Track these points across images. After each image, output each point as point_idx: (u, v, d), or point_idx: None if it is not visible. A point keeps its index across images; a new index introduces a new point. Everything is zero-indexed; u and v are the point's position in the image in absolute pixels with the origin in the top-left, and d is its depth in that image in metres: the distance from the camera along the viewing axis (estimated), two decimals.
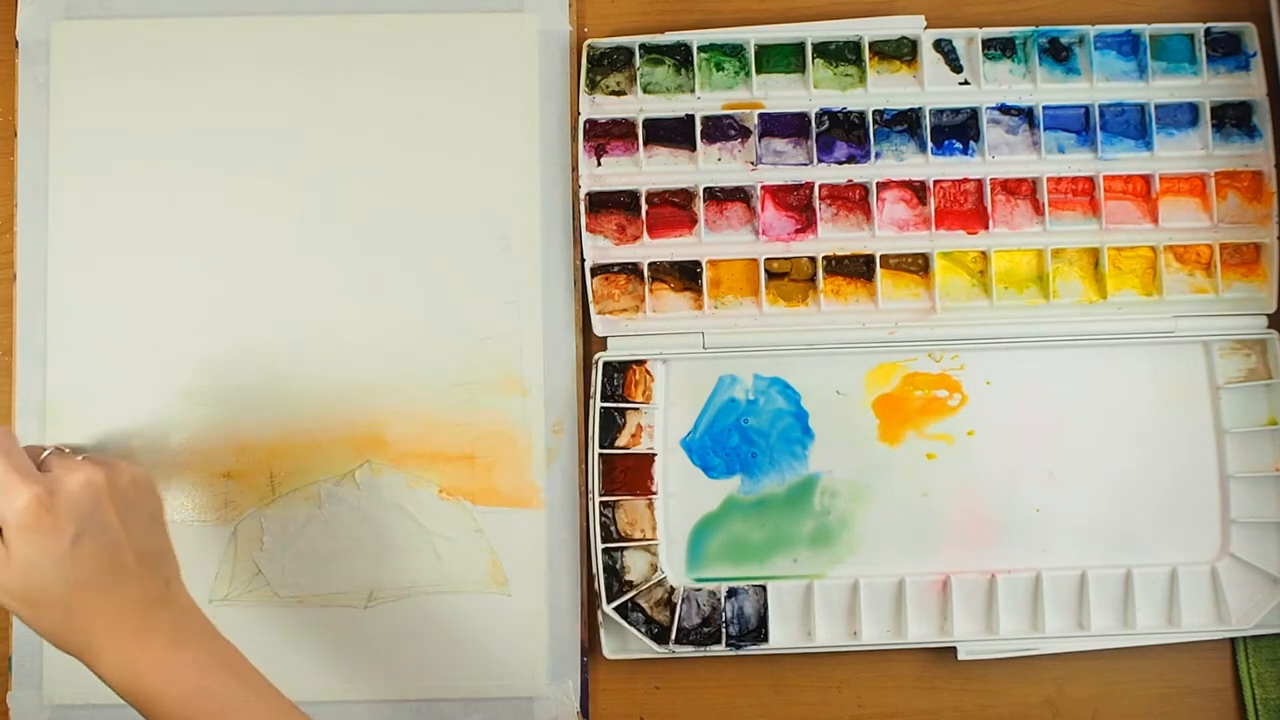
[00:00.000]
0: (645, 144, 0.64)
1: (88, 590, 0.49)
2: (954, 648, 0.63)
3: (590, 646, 0.63)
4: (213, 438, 0.63)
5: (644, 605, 0.63)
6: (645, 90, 0.65)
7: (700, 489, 0.64)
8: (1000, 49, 0.66)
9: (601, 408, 0.63)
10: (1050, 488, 0.64)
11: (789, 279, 0.65)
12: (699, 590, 0.63)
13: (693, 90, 0.65)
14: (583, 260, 0.64)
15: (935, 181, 0.64)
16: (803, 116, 0.65)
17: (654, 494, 0.63)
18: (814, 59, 0.65)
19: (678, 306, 0.64)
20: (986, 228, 0.64)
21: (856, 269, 0.65)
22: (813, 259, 0.64)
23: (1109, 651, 0.63)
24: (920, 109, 0.65)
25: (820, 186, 0.64)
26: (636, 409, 0.64)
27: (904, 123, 0.65)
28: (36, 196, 0.63)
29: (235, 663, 0.50)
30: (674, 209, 0.65)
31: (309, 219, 0.64)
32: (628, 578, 0.63)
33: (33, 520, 0.48)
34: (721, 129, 0.65)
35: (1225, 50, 0.66)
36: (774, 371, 0.64)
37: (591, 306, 0.64)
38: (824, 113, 0.65)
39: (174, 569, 0.52)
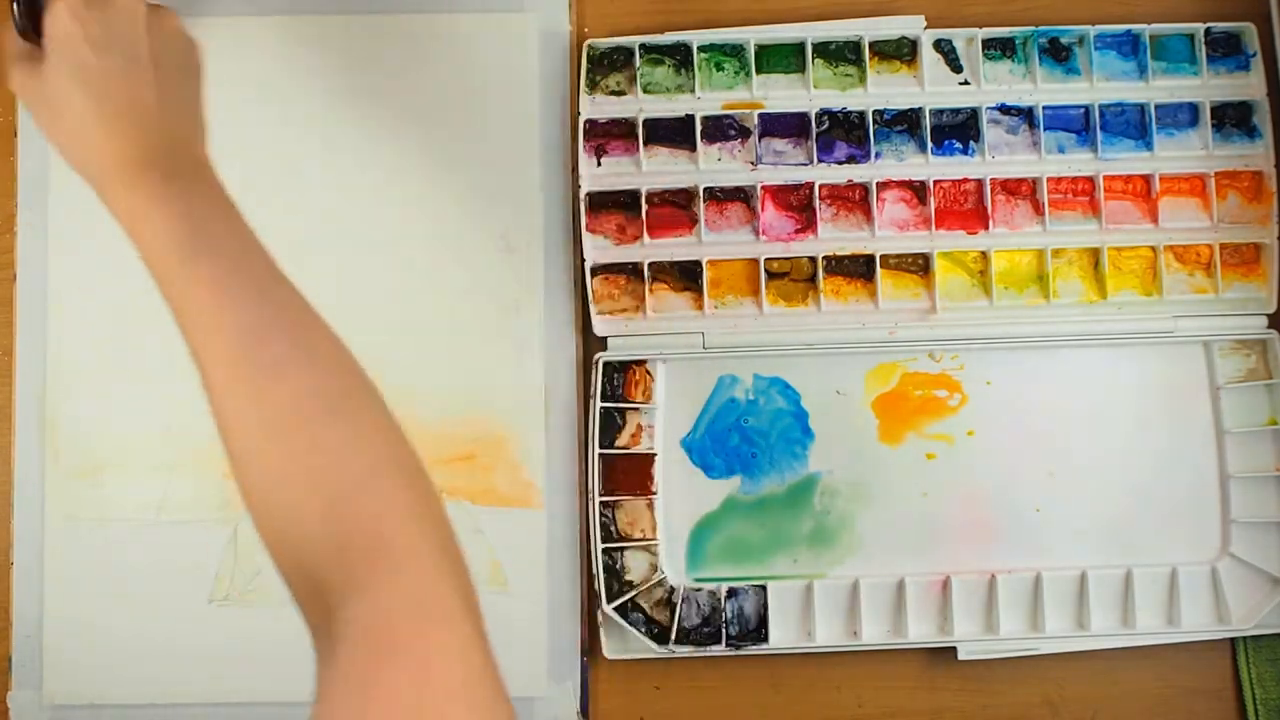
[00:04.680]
0: (645, 144, 0.64)
1: (106, 106, 0.48)
2: (954, 648, 0.63)
3: (590, 646, 0.63)
4: (213, 437, 0.63)
5: (644, 605, 0.63)
6: (645, 90, 0.65)
7: (700, 489, 0.64)
8: (1000, 49, 0.66)
9: (601, 408, 0.63)
10: (1050, 488, 0.64)
11: (789, 279, 0.65)
12: (699, 590, 0.63)
13: (693, 90, 0.65)
14: (583, 260, 0.64)
15: (935, 181, 0.64)
16: (803, 116, 0.65)
17: (654, 494, 0.63)
18: (814, 59, 0.65)
19: (678, 306, 0.64)
20: (986, 228, 0.64)
21: (856, 269, 0.65)
22: (813, 259, 0.64)
23: (1109, 651, 0.63)
24: (920, 109, 0.65)
25: (820, 186, 0.64)
26: (636, 409, 0.64)
27: (904, 123, 0.65)
28: (36, 196, 0.63)
29: (228, 214, 0.48)
30: (674, 209, 0.65)
31: (308, 219, 0.64)
32: (628, 578, 0.63)
33: (63, 23, 0.48)
34: (721, 129, 0.65)
35: (1225, 50, 0.66)
36: (774, 371, 0.64)
37: (591, 306, 0.64)
38: (824, 113, 0.65)
39: (198, 128, 0.51)
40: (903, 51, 0.66)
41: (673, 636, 0.62)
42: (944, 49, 0.66)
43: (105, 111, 0.48)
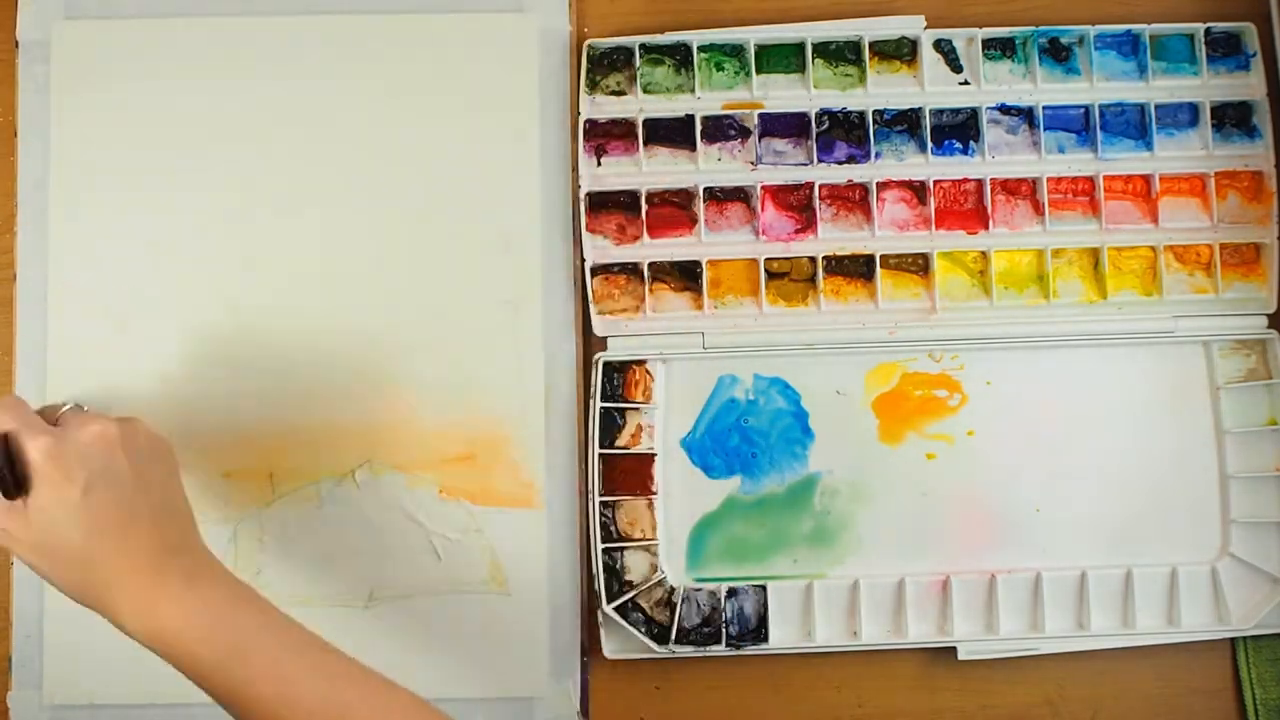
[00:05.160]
0: (645, 144, 0.64)
1: (103, 539, 0.49)
2: (954, 648, 0.63)
3: (590, 646, 0.63)
4: (213, 438, 0.63)
5: (644, 605, 0.63)
6: (645, 90, 0.65)
7: (700, 489, 0.64)
8: (1000, 49, 0.66)
9: (601, 408, 0.63)
10: (1050, 488, 0.64)
11: (789, 279, 0.65)
12: (699, 590, 0.63)
13: (693, 90, 0.65)
14: (583, 260, 0.64)
15: (935, 181, 0.65)
16: (803, 116, 0.65)
17: (654, 494, 0.63)
18: (814, 59, 0.65)
19: (678, 306, 0.64)
20: (986, 228, 0.65)
21: (856, 269, 0.65)
22: (813, 259, 0.64)
23: (1109, 651, 0.63)
24: (920, 109, 0.65)
25: (820, 186, 0.64)
26: (636, 409, 0.64)
27: (904, 123, 0.65)
28: (36, 196, 0.63)
29: (253, 599, 0.50)
30: (674, 209, 0.65)
31: (309, 219, 0.64)
32: (628, 578, 0.63)
33: (44, 471, 0.49)
34: (721, 129, 0.65)
35: (1225, 50, 0.66)
36: (774, 371, 0.64)
37: (591, 306, 0.64)
38: (824, 113, 0.65)
39: (190, 523, 0.53)
40: (903, 51, 0.66)
41: (673, 636, 0.62)
42: (944, 49, 0.66)
43: (104, 541, 0.49)
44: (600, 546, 0.62)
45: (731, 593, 0.63)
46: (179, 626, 0.48)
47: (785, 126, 0.65)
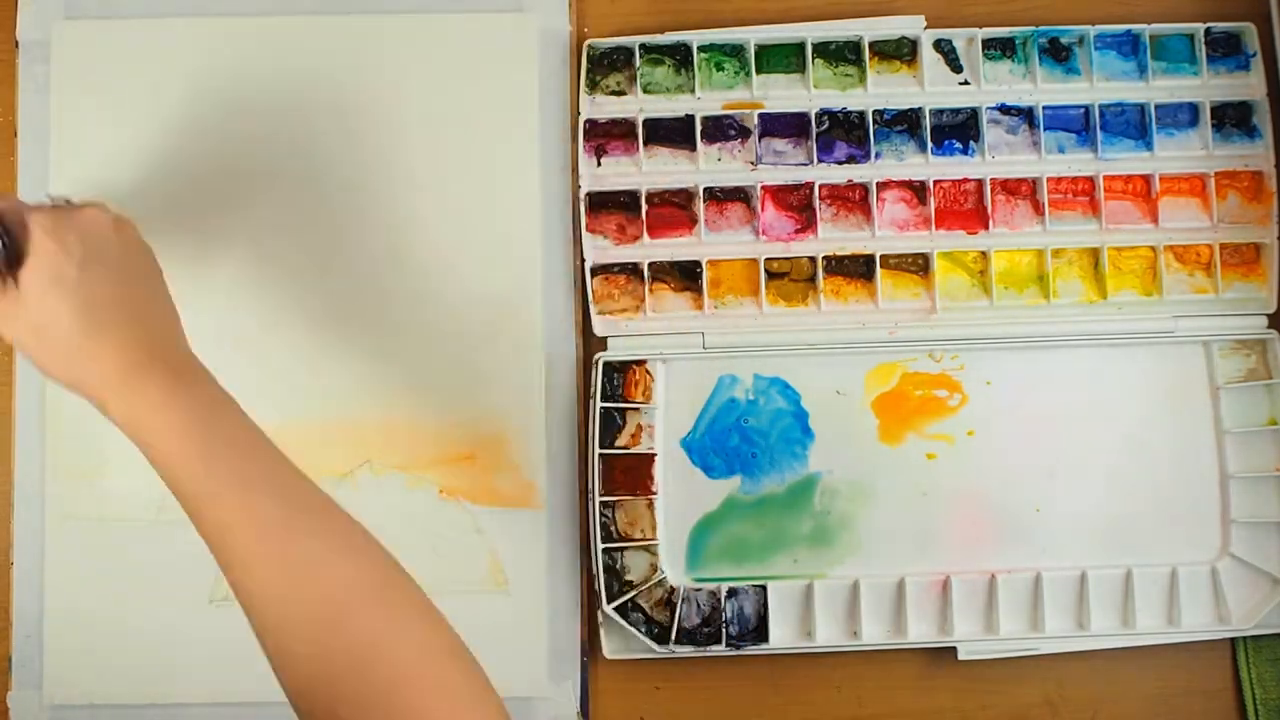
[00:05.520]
0: (645, 144, 0.64)
1: (94, 319, 0.48)
2: (954, 648, 0.63)
3: (590, 646, 0.63)
4: None
5: (644, 605, 0.63)
6: (645, 90, 0.65)
7: (700, 489, 0.64)
8: (1000, 49, 0.66)
9: (601, 408, 0.63)
10: (1050, 488, 0.64)
11: (789, 279, 0.65)
12: (699, 590, 0.63)
13: (693, 90, 0.65)
14: (583, 260, 0.64)
15: (935, 181, 0.65)
16: (803, 116, 0.65)
17: (654, 494, 0.63)
18: (814, 59, 0.65)
19: (678, 306, 0.64)
20: (986, 228, 0.65)
21: (856, 269, 0.65)
22: (813, 259, 0.64)
23: (1109, 651, 0.63)
24: (920, 109, 0.65)
25: (820, 186, 0.64)
26: (636, 409, 0.64)
27: (904, 123, 0.65)
28: (36, 197, 0.63)
29: (233, 409, 0.49)
30: (674, 209, 0.65)
31: (308, 220, 0.64)
32: (628, 578, 0.63)
33: (43, 244, 0.48)
34: (721, 129, 0.65)
35: (1225, 50, 0.66)
36: (774, 371, 0.64)
37: (591, 307, 0.64)
38: (824, 113, 0.65)
39: (176, 322, 0.52)
40: (903, 51, 0.66)
41: (673, 636, 0.62)
42: (944, 49, 0.66)
43: (96, 321, 0.48)
44: (600, 546, 0.62)
45: (731, 593, 0.63)
46: (158, 424, 0.47)
47: (785, 126, 0.65)
